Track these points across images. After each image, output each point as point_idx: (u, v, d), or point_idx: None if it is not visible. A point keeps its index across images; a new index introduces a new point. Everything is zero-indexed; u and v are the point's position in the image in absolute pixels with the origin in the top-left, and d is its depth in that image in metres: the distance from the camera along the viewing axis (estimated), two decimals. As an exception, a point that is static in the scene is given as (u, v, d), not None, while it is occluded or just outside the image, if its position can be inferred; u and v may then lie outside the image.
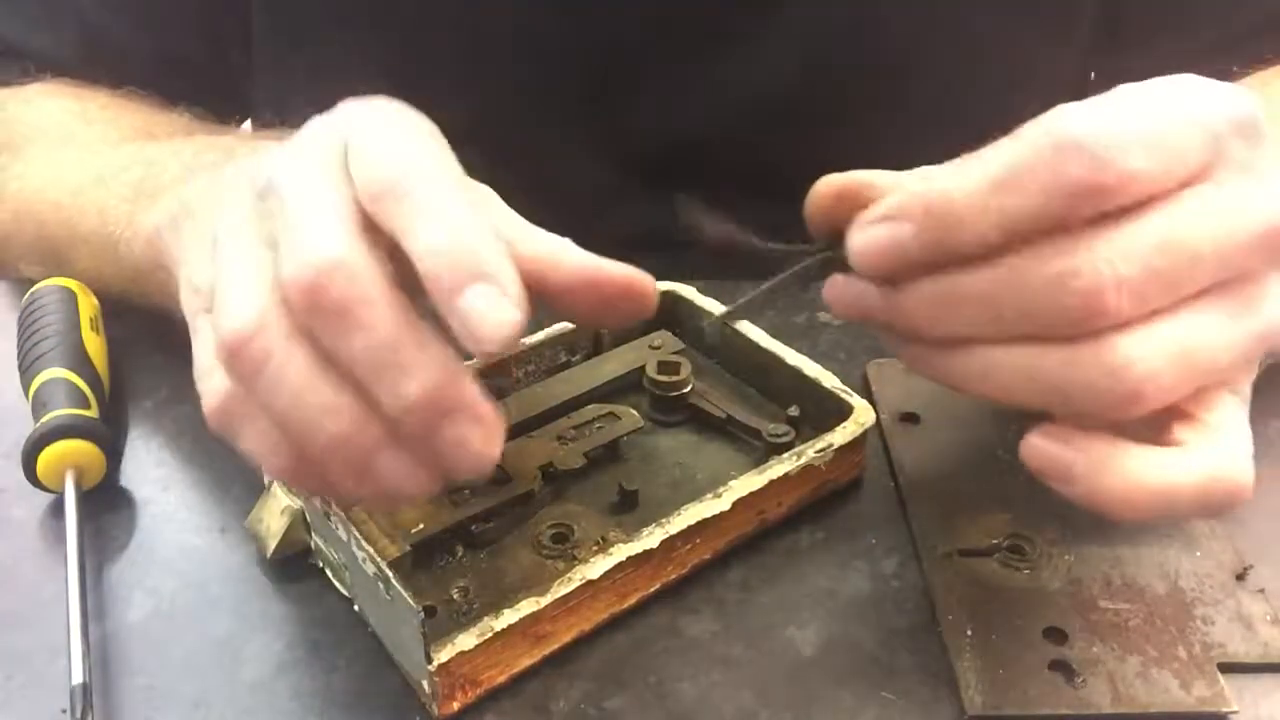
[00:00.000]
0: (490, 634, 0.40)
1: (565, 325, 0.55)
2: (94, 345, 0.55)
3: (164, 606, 0.45)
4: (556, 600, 0.41)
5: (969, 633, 0.42)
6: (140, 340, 0.59)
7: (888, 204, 0.36)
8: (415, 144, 0.37)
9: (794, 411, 0.51)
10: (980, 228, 0.35)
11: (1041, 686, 0.40)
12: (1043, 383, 0.35)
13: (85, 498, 0.48)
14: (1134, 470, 0.35)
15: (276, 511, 0.46)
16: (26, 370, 0.53)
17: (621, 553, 0.42)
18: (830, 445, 0.47)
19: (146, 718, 0.41)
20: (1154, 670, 0.41)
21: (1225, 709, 0.40)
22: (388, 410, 0.34)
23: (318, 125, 0.39)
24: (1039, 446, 0.36)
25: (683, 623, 0.44)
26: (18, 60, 0.70)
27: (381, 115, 0.38)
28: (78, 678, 0.40)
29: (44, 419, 0.49)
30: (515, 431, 0.50)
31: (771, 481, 0.46)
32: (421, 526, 0.45)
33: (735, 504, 0.45)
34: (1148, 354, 0.34)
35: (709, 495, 0.45)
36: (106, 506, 0.50)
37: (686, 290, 0.56)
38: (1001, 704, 0.40)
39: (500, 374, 0.53)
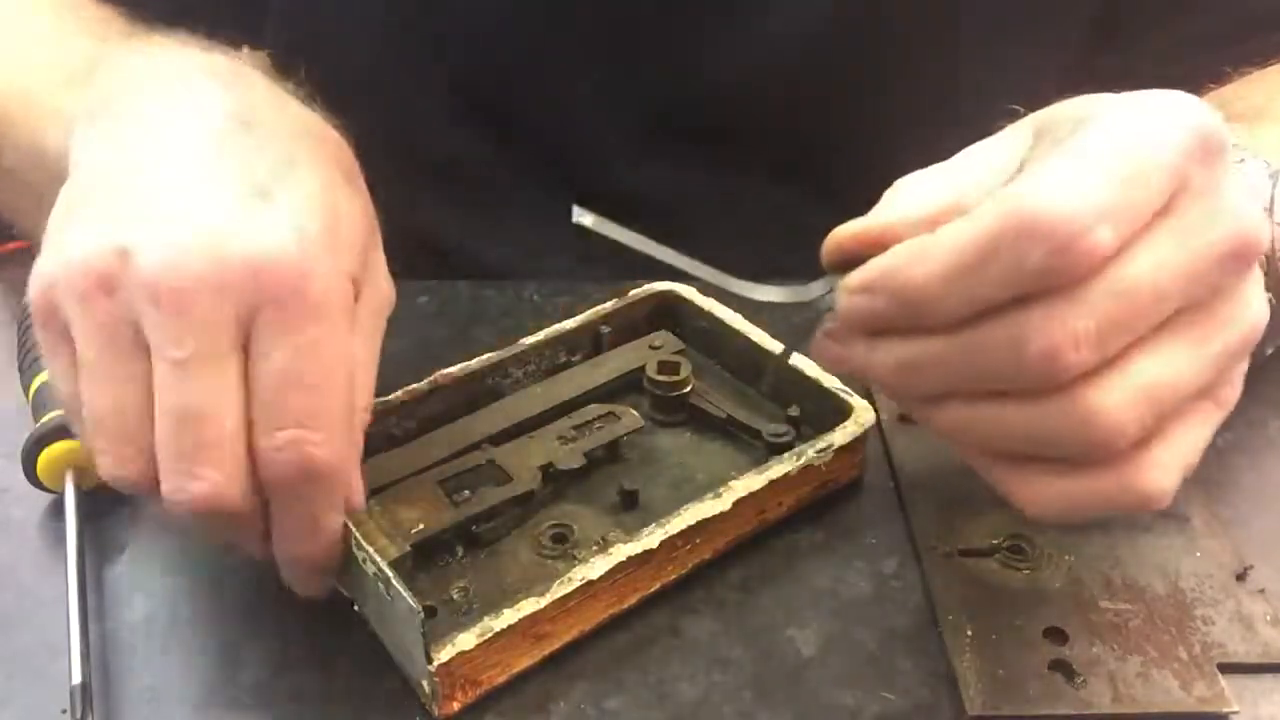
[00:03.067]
0: (490, 634, 0.40)
1: (565, 325, 0.55)
2: (94, 345, 0.54)
3: (164, 606, 0.45)
4: (556, 600, 0.41)
5: (969, 633, 0.42)
6: (140, 340, 0.59)
7: (868, 273, 0.37)
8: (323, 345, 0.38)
9: (794, 411, 0.51)
10: (944, 309, 0.35)
11: (1041, 686, 0.40)
12: (1014, 436, 0.36)
13: (85, 498, 0.48)
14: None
15: (276, 511, 0.46)
16: (26, 370, 0.53)
17: (621, 553, 0.42)
18: (830, 445, 0.47)
19: (146, 718, 0.41)
20: (1154, 670, 0.41)
21: (1225, 709, 0.40)
22: None
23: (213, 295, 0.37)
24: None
25: (683, 623, 0.44)
26: None
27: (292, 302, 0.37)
28: (78, 678, 0.40)
29: (44, 419, 0.49)
30: (515, 431, 0.50)
31: (771, 481, 0.46)
32: (421, 526, 0.45)
33: (735, 504, 0.45)
34: (1117, 401, 0.34)
35: (709, 495, 0.45)
36: (106, 506, 0.49)
37: (686, 290, 0.56)
38: (1001, 704, 0.40)
39: (499, 374, 0.53)
